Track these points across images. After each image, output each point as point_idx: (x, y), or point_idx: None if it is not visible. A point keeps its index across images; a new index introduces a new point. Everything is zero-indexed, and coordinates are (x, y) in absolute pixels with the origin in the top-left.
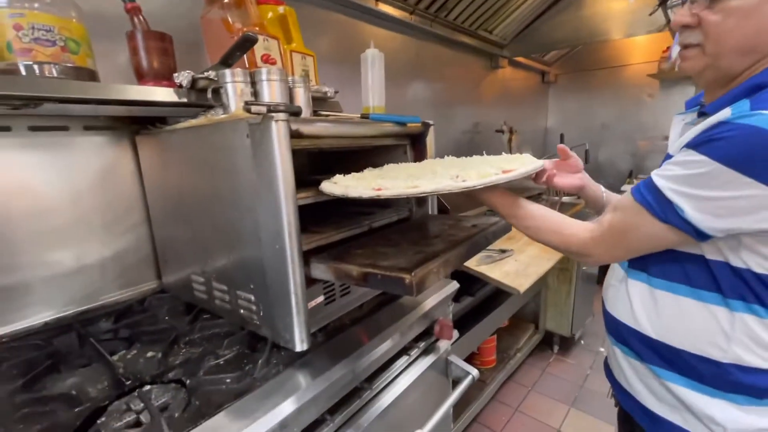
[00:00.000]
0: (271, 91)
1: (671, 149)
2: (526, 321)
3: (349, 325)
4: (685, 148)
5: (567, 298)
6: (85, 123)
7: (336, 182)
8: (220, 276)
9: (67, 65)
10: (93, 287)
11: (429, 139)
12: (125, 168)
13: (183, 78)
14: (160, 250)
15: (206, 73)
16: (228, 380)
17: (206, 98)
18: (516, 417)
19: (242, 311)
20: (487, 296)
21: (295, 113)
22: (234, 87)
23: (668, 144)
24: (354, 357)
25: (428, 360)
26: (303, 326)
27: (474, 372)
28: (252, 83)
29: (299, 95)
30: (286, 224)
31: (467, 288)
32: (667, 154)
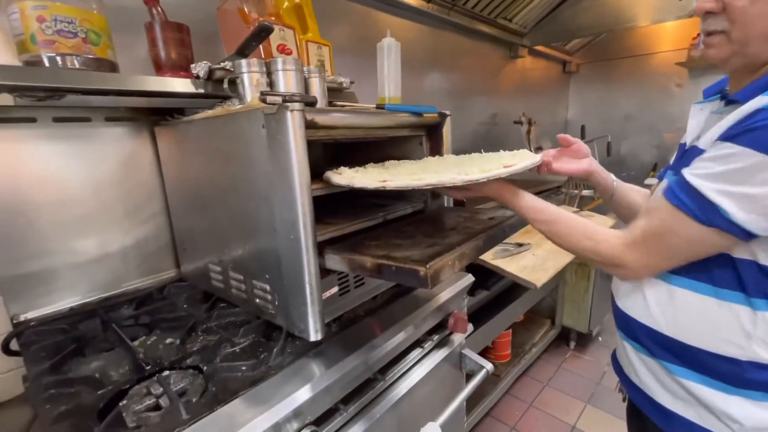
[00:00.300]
0: (287, 81)
1: (690, 141)
2: (542, 316)
3: (363, 317)
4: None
5: (585, 294)
6: (107, 114)
7: (341, 173)
8: (237, 265)
9: (89, 56)
10: (115, 275)
11: (445, 130)
12: (145, 158)
13: (200, 68)
14: (179, 240)
15: (222, 64)
16: (244, 368)
17: (223, 89)
18: (530, 412)
19: (258, 300)
20: (503, 290)
21: (310, 103)
22: (250, 77)
23: (686, 135)
24: (367, 348)
25: (442, 353)
26: (317, 316)
27: (488, 366)
28: (267, 73)
29: (314, 85)
30: (301, 215)
31: (482, 281)
32: (681, 145)
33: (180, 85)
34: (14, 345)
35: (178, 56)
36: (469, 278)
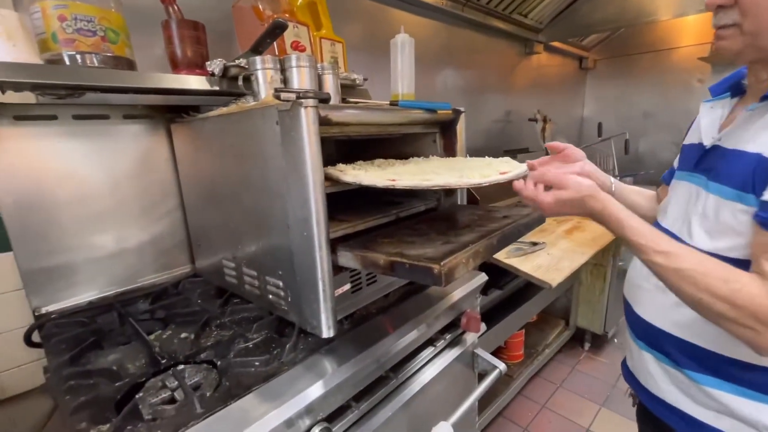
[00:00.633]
0: (301, 78)
1: (709, 141)
2: (556, 317)
3: (375, 314)
4: None
5: (600, 295)
6: (125, 112)
7: (342, 170)
8: (250, 262)
9: (107, 55)
10: (132, 270)
11: (460, 128)
12: (161, 155)
13: (215, 66)
14: (194, 236)
15: (237, 61)
16: (257, 363)
17: (237, 86)
18: (543, 413)
19: (271, 297)
20: (516, 290)
21: (324, 100)
22: (264, 74)
23: (699, 135)
24: (380, 346)
25: (454, 352)
26: (330, 313)
27: (501, 366)
28: (282, 70)
29: (328, 82)
30: (314, 211)
31: (496, 281)
32: (694, 146)
33: (195, 83)
34: (36, 337)
35: (194, 54)
36: (483, 277)
